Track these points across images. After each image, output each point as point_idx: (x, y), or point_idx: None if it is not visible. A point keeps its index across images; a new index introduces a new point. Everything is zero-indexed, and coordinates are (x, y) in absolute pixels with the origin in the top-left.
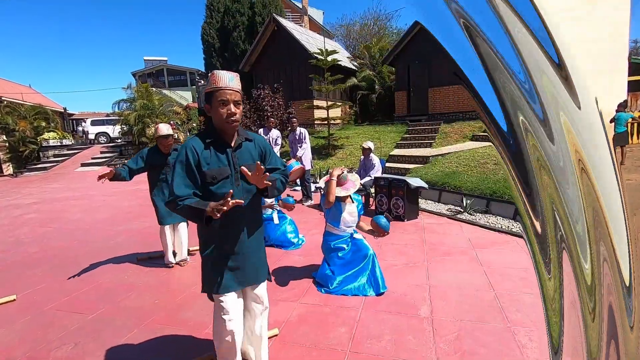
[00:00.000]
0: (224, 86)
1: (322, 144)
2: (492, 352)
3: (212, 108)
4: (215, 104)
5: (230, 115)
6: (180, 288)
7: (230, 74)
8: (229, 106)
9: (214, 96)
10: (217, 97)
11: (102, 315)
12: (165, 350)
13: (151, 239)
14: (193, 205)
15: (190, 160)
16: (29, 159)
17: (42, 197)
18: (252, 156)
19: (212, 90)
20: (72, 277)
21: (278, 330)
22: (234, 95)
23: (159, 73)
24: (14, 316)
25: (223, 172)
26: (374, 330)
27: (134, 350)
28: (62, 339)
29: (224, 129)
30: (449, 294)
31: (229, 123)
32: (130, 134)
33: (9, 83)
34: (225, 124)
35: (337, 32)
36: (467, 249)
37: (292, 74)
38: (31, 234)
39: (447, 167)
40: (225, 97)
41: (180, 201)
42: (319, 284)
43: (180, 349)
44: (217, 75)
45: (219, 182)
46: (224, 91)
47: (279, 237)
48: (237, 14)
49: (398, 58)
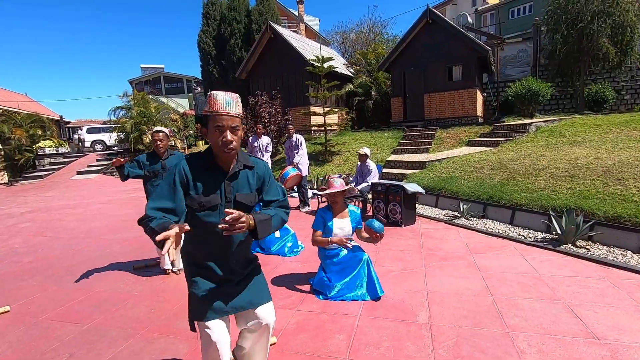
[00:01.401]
0: (221, 111)
1: (319, 150)
2: (491, 357)
3: (208, 132)
4: (211, 129)
5: (225, 143)
6: (176, 297)
7: (228, 96)
8: (225, 133)
9: (210, 120)
10: (213, 121)
11: (98, 325)
12: (162, 359)
13: (147, 248)
14: (155, 227)
15: (177, 183)
16: (24, 167)
17: (37, 206)
18: (250, 185)
19: (208, 114)
20: (67, 286)
21: (276, 338)
22: (231, 121)
23: (155, 80)
24: (7, 327)
25: (212, 201)
26: (372, 337)
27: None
28: (56, 349)
29: (220, 157)
30: (446, 299)
31: (225, 152)
32: (126, 142)
33: (5, 92)
34: (220, 152)
35: (333, 39)
36: (465, 254)
37: (288, 81)
38: (25, 243)
39: (443, 172)
40: (221, 123)
41: (148, 221)
42: (317, 292)
43: (177, 357)
44: (214, 97)
45: (206, 210)
46: (220, 116)
47: (279, 249)
48: (234, 21)
49: (394, 64)
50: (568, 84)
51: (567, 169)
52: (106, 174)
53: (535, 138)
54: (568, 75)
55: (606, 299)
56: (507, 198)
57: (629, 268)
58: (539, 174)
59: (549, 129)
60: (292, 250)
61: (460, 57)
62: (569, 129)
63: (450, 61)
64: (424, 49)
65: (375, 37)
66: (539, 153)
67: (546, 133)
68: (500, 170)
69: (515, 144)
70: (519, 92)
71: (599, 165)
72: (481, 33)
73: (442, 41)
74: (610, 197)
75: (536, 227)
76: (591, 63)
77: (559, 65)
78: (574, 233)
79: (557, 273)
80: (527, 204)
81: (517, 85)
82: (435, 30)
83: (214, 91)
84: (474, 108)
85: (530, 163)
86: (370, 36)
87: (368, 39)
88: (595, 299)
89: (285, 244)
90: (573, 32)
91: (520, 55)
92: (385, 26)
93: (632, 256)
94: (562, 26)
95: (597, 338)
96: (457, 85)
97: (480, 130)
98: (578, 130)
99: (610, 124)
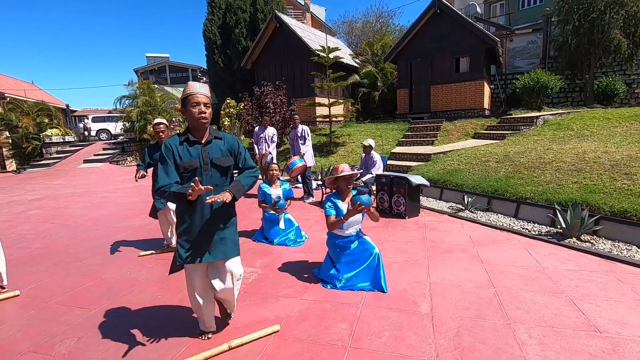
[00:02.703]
0: (196, 92)
1: (323, 141)
2: (491, 348)
3: (186, 110)
4: (189, 106)
5: (200, 113)
6: (181, 284)
7: (200, 84)
8: (200, 106)
9: (187, 100)
10: (190, 100)
11: (105, 310)
12: (167, 345)
13: (153, 236)
14: (176, 191)
15: (165, 155)
16: (32, 155)
17: (45, 194)
18: (222, 151)
19: (186, 95)
20: (74, 272)
21: (279, 326)
22: (204, 99)
23: (161, 70)
24: (18, 311)
25: (193, 164)
26: (374, 327)
27: (136, 345)
28: (65, 333)
29: (196, 127)
30: (449, 291)
31: (200, 119)
32: (132, 131)
33: (12, 79)
34: (196, 121)
35: (339, 29)
36: (468, 246)
37: (293, 71)
38: (34, 230)
39: (448, 164)
40: (196, 100)
41: (165, 189)
42: (324, 281)
43: (181, 343)
44: (190, 84)
45: (191, 172)
46: (196, 95)
47: (283, 241)
48: (239, 10)
49: (400, 55)
50: (577, 76)
51: (574, 162)
52: (112, 162)
53: (543, 131)
54: (578, 67)
55: (609, 293)
56: (512, 191)
57: (633, 263)
58: (545, 167)
59: (556, 122)
60: (296, 241)
61: (468, 48)
62: (577, 122)
63: (457, 52)
64: (431, 39)
65: (382, 27)
66: (546, 146)
67: (554, 126)
68: (506, 163)
69: (522, 137)
70: (527, 84)
71: (606, 160)
72: (490, 24)
73: (449, 32)
74: (617, 192)
75: (541, 221)
76: (602, 55)
77: (569, 57)
78: (578, 227)
79: (561, 267)
80: (532, 197)
81: (525, 78)
82: (443, 20)
83: (189, 82)
84: (480, 100)
85: (536, 156)
86: (376, 26)
87: (374, 29)
88: (598, 292)
89: (288, 237)
90: (584, 23)
91: (530, 47)
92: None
93: (637, 251)
94: (574, 17)
95: (599, 331)
96: (464, 77)
97: (486, 122)
98: (586, 123)
99: (619, 117)
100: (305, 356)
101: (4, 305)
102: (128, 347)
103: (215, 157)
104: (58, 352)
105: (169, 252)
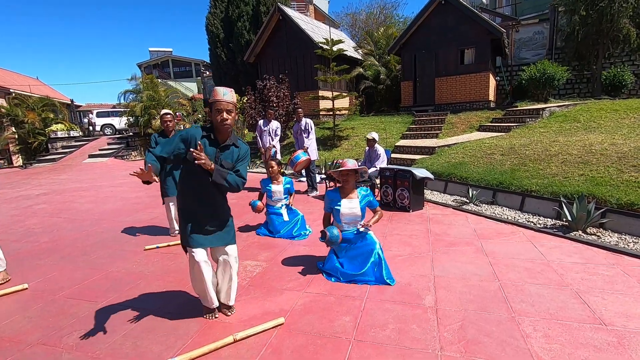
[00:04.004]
0: (219, 99)
1: (327, 134)
2: (496, 341)
3: (212, 113)
4: (214, 111)
5: (222, 120)
6: (187, 278)
7: (225, 89)
8: (222, 114)
9: (213, 106)
10: (215, 106)
11: (111, 303)
12: (172, 337)
13: (158, 230)
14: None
15: (185, 138)
16: (37, 150)
17: (51, 188)
18: (232, 157)
19: (212, 101)
20: (81, 266)
21: (283, 319)
22: (227, 106)
23: (164, 64)
24: (26, 303)
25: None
26: (378, 319)
27: (141, 337)
28: (73, 325)
29: (218, 129)
30: (453, 284)
31: (222, 126)
32: (136, 125)
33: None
34: (219, 126)
35: (343, 21)
36: (473, 239)
37: (297, 64)
38: (41, 224)
39: (453, 157)
40: (220, 107)
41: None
42: (328, 274)
43: (186, 335)
44: (216, 90)
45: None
46: (220, 102)
47: (287, 233)
48: (242, 3)
49: (404, 47)
50: (585, 67)
51: (581, 155)
52: (117, 157)
53: (549, 123)
54: (585, 58)
55: (615, 286)
56: (518, 184)
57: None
58: (551, 159)
59: (563, 114)
60: (300, 233)
61: (473, 39)
62: (584, 114)
63: (462, 44)
64: (436, 31)
65: (386, 19)
66: (552, 139)
67: (560, 118)
68: (511, 155)
69: (528, 130)
70: (533, 76)
71: (613, 152)
72: (495, 14)
73: (454, 23)
74: (624, 184)
75: (546, 214)
76: (610, 45)
77: (576, 47)
78: (584, 220)
79: (566, 260)
80: (538, 190)
81: (531, 69)
82: (448, 11)
83: (217, 87)
84: (486, 92)
85: (542, 149)
86: (380, 18)
87: (378, 20)
88: (604, 285)
89: (293, 227)
90: (592, 13)
91: (536, 38)
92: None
93: None
94: (581, 6)
95: (604, 324)
96: (469, 68)
97: (492, 115)
98: (593, 115)
99: (627, 109)
100: (309, 348)
101: (13, 298)
102: (134, 339)
103: (225, 160)
104: (66, 344)
105: (174, 246)
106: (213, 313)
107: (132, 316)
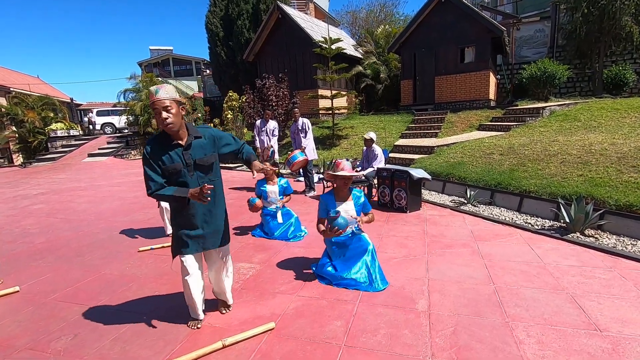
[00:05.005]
0: (153, 99)
1: (326, 134)
2: (488, 347)
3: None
4: (155, 115)
5: (163, 120)
6: (179, 280)
7: (157, 87)
8: (161, 114)
9: (152, 108)
10: (153, 108)
11: (103, 306)
12: (161, 342)
13: (154, 230)
14: (175, 194)
15: (150, 160)
16: (37, 149)
17: (49, 188)
18: (204, 149)
19: (150, 103)
20: (75, 268)
21: (274, 323)
22: (162, 103)
23: (164, 63)
24: (17, 306)
25: (177, 167)
26: (370, 324)
27: (131, 342)
28: (62, 329)
29: (168, 133)
30: (447, 287)
31: (165, 127)
32: (136, 125)
33: (17, 74)
34: (164, 128)
35: (343, 19)
36: (469, 241)
37: (296, 62)
38: (37, 224)
39: (452, 157)
40: (156, 107)
41: (158, 192)
42: (320, 277)
43: (175, 340)
44: (150, 91)
45: (176, 174)
46: (154, 103)
47: (282, 234)
48: (241, 1)
49: (404, 45)
50: (586, 65)
51: (580, 155)
52: (116, 156)
53: (549, 122)
54: (587, 56)
55: (612, 290)
56: (516, 184)
57: (638, 258)
58: (550, 160)
59: (563, 113)
60: (295, 234)
61: (473, 37)
62: (585, 113)
63: (462, 42)
64: (436, 29)
65: (387, 17)
66: (552, 138)
67: (560, 117)
68: (510, 155)
69: (528, 129)
70: (534, 74)
71: (613, 152)
72: (496, 12)
73: (454, 21)
74: (623, 185)
75: (544, 215)
76: (612, 43)
77: (578, 45)
78: (582, 222)
79: (563, 262)
80: (536, 191)
81: (532, 67)
82: (448, 9)
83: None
84: (486, 91)
85: (541, 148)
86: (381, 16)
87: (379, 19)
88: (600, 289)
89: (288, 229)
90: (594, 10)
91: (537, 36)
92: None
93: None
94: (583, 4)
95: (599, 330)
96: (470, 67)
97: (492, 114)
98: (594, 114)
99: (628, 108)
100: (299, 355)
101: (4, 301)
102: (122, 343)
103: (198, 158)
104: (54, 349)
105: (168, 247)
106: (196, 322)
107: (121, 320)
